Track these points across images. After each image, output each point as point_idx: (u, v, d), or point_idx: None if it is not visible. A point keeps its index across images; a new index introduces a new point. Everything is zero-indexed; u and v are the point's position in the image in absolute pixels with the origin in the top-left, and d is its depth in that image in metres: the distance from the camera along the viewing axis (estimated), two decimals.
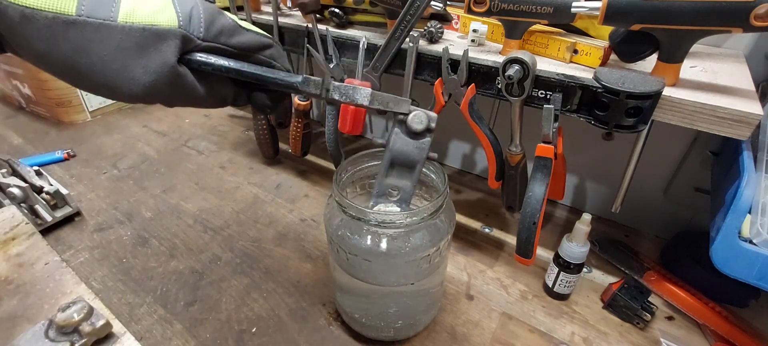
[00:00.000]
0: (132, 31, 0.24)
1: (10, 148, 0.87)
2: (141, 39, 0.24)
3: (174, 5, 0.26)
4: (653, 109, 0.39)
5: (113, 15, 0.23)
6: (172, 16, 0.25)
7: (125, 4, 0.24)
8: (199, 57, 0.28)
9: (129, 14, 0.24)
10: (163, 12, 0.25)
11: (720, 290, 0.51)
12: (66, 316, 0.31)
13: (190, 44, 0.27)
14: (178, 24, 0.25)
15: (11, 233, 0.44)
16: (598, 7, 0.39)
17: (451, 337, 0.49)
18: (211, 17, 0.27)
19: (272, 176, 0.79)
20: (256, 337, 0.48)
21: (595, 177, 0.69)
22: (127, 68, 0.24)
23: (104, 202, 0.70)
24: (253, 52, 0.31)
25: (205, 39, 0.27)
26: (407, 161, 0.37)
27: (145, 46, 0.24)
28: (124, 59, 0.24)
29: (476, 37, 0.52)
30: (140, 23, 0.24)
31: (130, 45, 0.24)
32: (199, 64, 0.28)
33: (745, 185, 0.38)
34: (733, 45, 0.55)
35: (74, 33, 0.23)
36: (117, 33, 0.23)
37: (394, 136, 0.37)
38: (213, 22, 0.27)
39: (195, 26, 0.26)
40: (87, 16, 0.23)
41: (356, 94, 0.33)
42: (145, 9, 0.24)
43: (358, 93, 0.32)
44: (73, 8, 0.22)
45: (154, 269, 0.57)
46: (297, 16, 0.66)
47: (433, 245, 0.39)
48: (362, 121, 0.58)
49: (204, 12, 0.27)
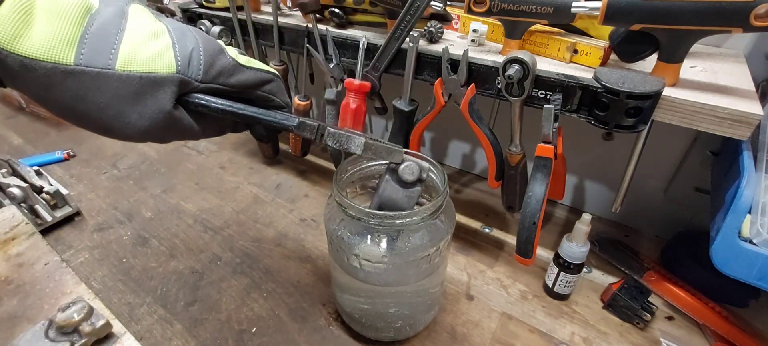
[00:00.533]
0: (129, 79, 0.24)
1: (10, 148, 0.86)
2: (138, 87, 0.24)
3: (174, 48, 0.26)
4: (653, 109, 0.39)
5: (111, 63, 0.23)
6: (170, 62, 0.25)
7: (124, 51, 0.24)
8: (196, 99, 0.28)
9: (127, 62, 0.24)
10: (161, 57, 0.25)
11: (720, 290, 0.51)
12: (66, 316, 0.31)
13: (187, 87, 0.27)
14: (176, 69, 0.25)
15: (11, 233, 0.44)
16: (598, 7, 0.39)
17: (451, 337, 0.49)
18: (211, 59, 0.27)
19: (272, 176, 0.79)
20: (256, 337, 0.48)
21: (595, 177, 0.69)
22: (123, 114, 0.24)
23: (104, 202, 0.70)
24: (252, 89, 0.31)
25: (203, 81, 0.27)
26: (395, 209, 0.37)
27: (141, 93, 0.24)
28: (120, 106, 0.24)
29: (476, 37, 0.52)
30: (138, 71, 0.24)
31: (126, 93, 0.24)
32: (196, 105, 0.28)
33: (745, 185, 0.38)
34: (733, 45, 0.55)
35: (72, 82, 0.23)
36: (114, 81, 0.23)
37: (384, 182, 0.38)
38: (213, 64, 0.27)
39: (194, 69, 0.26)
40: (85, 65, 0.23)
41: (350, 143, 0.33)
42: (144, 55, 0.24)
43: (351, 142, 0.33)
44: (71, 58, 0.22)
45: (154, 269, 0.57)
46: (297, 16, 0.66)
47: (433, 245, 0.39)
48: (362, 121, 0.58)
49: (204, 53, 0.27)
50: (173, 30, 0.27)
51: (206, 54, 0.27)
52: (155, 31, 0.26)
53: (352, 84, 0.55)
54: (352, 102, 0.56)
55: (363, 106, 0.57)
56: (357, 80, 0.55)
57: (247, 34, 0.66)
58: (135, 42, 0.24)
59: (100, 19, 0.24)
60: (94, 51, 0.23)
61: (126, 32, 0.24)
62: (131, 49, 0.24)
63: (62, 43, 0.22)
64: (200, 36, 0.28)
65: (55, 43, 0.22)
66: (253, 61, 0.31)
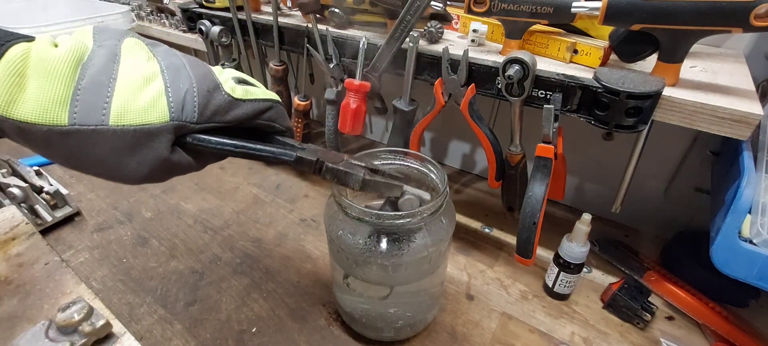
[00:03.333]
0: (124, 133, 0.24)
1: (10, 148, 0.86)
2: (133, 140, 0.24)
3: (167, 94, 0.25)
4: (653, 109, 0.39)
5: (104, 119, 0.23)
6: (163, 111, 0.25)
7: (116, 105, 0.24)
8: (193, 139, 0.28)
9: (119, 116, 0.24)
10: (154, 107, 0.25)
11: (720, 290, 0.51)
12: (66, 316, 0.31)
13: (183, 130, 0.26)
14: (170, 117, 0.25)
15: (11, 233, 0.44)
16: (598, 7, 0.39)
17: (451, 337, 0.49)
18: (205, 100, 0.27)
19: (272, 176, 0.79)
20: (256, 337, 0.48)
21: (595, 177, 0.69)
22: (122, 164, 0.25)
23: (104, 202, 0.70)
24: (250, 120, 0.30)
25: (198, 122, 0.27)
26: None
27: (137, 144, 0.25)
28: (118, 157, 0.25)
29: (476, 37, 0.52)
30: (131, 125, 0.24)
31: (122, 145, 0.24)
32: (193, 146, 0.28)
33: (745, 185, 0.38)
34: (733, 45, 0.55)
35: (69, 140, 0.23)
36: (109, 136, 0.24)
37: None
38: (207, 104, 0.27)
39: (188, 113, 0.26)
40: (80, 124, 0.23)
41: (348, 179, 0.33)
42: (136, 106, 0.24)
43: (349, 178, 0.33)
44: (65, 119, 0.23)
45: (154, 269, 0.57)
46: (297, 16, 0.66)
47: (433, 245, 0.39)
48: (362, 121, 0.58)
49: (198, 95, 0.26)
50: (167, 69, 0.26)
51: (200, 95, 0.26)
52: (148, 76, 0.25)
53: (352, 84, 0.55)
54: (352, 102, 0.56)
55: (363, 106, 0.57)
56: (357, 80, 0.55)
57: (247, 34, 0.66)
58: (126, 93, 0.24)
59: (91, 69, 0.24)
60: (86, 108, 0.23)
61: (117, 81, 0.24)
62: (123, 101, 0.24)
63: (54, 104, 0.22)
64: (195, 71, 0.27)
65: (47, 106, 0.22)
66: (250, 91, 0.30)
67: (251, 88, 0.30)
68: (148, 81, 0.25)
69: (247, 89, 0.30)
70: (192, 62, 0.28)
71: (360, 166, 0.35)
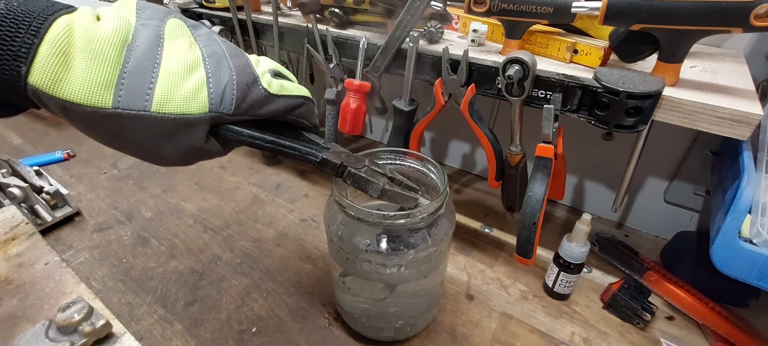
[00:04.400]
0: (164, 120, 0.24)
1: (10, 148, 0.86)
2: (172, 127, 0.25)
3: (208, 85, 0.26)
4: (653, 109, 0.39)
5: (147, 105, 0.24)
6: (203, 103, 0.26)
7: (159, 92, 0.24)
8: (225, 129, 0.28)
9: (161, 104, 0.24)
10: (195, 98, 0.25)
11: (720, 290, 0.51)
12: (66, 316, 0.31)
13: (218, 121, 0.27)
14: (209, 109, 0.26)
15: (11, 233, 0.44)
16: (598, 7, 0.39)
17: (451, 337, 0.49)
18: (243, 93, 0.27)
19: (272, 176, 0.79)
20: (256, 337, 0.48)
21: (595, 177, 0.69)
22: (157, 148, 0.26)
23: (104, 202, 0.70)
24: (282, 114, 0.31)
25: (233, 114, 0.27)
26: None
27: (175, 132, 0.25)
28: (155, 142, 0.25)
29: (476, 37, 0.52)
30: (172, 113, 0.24)
31: (161, 132, 0.25)
32: (225, 135, 0.29)
33: (745, 185, 0.38)
34: (733, 45, 0.55)
35: (110, 122, 0.23)
36: (150, 122, 0.24)
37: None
38: (244, 98, 0.27)
39: (226, 105, 0.27)
40: (123, 108, 0.23)
41: (368, 187, 0.35)
42: (179, 96, 0.25)
43: (369, 186, 0.35)
44: (109, 102, 0.23)
45: (154, 269, 0.57)
46: (297, 16, 0.66)
47: (433, 245, 0.39)
48: (362, 121, 0.58)
49: (238, 89, 0.27)
50: (208, 58, 0.26)
51: (239, 88, 0.27)
52: (190, 64, 0.26)
53: (352, 84, 0.55)
54: (352, 102, 0.56)
55: (363, 106, 0.57)
56: (357, 80, 0.55)
57: (247, 34, 0.66)
58: (169, 81, 0.24)
59: (136, 52, 0.24)
60: (130, 93, 0.23)
61: (161, 67, 0.24)
62: (166, 89, 0.24)
63: (100, 87, 0.22)
64: (235, 62, 0.27)
65: (93, 88, 0.22)
66: (285, 86, 0.30)
67: (286, 83, 0.31)
68: (190, 70, 0.26)
69: (283, 84, 0.30)
70: (231, 51, 0.28)
71: (380, 175, 0.36)
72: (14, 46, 0.21)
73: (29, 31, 0.21)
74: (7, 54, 0.21)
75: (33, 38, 0.21)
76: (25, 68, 0.21)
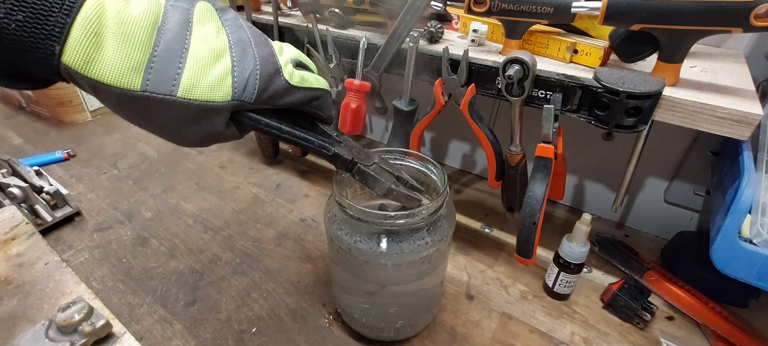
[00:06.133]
0: (189, 106, 0.25)
1: (10, 148, 0.86)
2: (195, 113, 0.26)
3: (232, 74, 0.26)
4: (653, 109, 0.39)
5: (174, 90, 0.24)
6: (227, 91, 0.26)
7: (186, 78, 0.25)
8: (245, 116, 0.29)
9: (188, 90, 0.25)
10: (220, 86, 0.26)
11: (720, 290, 0.51)
12: (66, 316, 0.31)
13: (239, 108, 0.28)
14: (232, 97, 0.26)
15: (11, 233, 0.44)
16: (598, 7, 0.39)
17: (451, 337, 0.49)
18: (265, 84, 0.28)
19: (272, 176, 0.79)
20: (256, 337, 0.48)
21: (595, 177, 0.69)
22: (180, 131, 0.27)
23: (104, 202, 0.70)
24: (300, 105, 0.31)
25: (254, 103, 0.28)
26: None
27: (198, 118, 0.26)
28: (179, 126, 0.26)
29: (476, 37, 0.52)
30: (196, 100, 0.25)
31: (185, 116, 0.26)
32: (243, 121, 0.29)
33: (745, 185, 0.38)
34: (733, 45, 0.55)
35: (138, 104, 0.24)
36: (176, 107, 0.25)
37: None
38: (266, 88, 0.28)
39: (248, 94, 0.27)
40: (150, 91, 0.24)
41: (374, 184, 0.36)
42: (204, 83, 0.25)
43: (376, 184, 0.36)
44: (138, 85, 0.23)
45: (154, 269, 0.57)
46: (297, 16, 0.66)
47: (433, 245, 0.39)
48: (362, 121, 0.58)
49: (260, 79, 0.27)
50: (234, 46, 0.27)
51: (262, 79, 0.28)
52: (217, 51, 0.26)
53: (352, 84, 0.55)
54: (352, 102, 0.56)
55: (363, 106, 0.57)
56: (357, 80, 0.55)
57: None
58: (196, 67, 0.25)
59: (166, 36, 0.24)
60: (158, 77, 0.24)
61: (189, 53, 0.25)
62: (192, 75, 0.25)
63: (130, 70, 0.23)
64: (260, 51, 0.28)
65: (123, 70, 0.23)
66: (306, 78, 0.31)
67: (307, 75, 0.31)
68: (217, 57, 0.26)
69: (304, 76, 0.31)
70: (257, 39, 0.29)
71: (388, 173, 0.37)
72: (48, 25, 0.21)
73: (62, 10, 0.21)
74: (41, 33, 0.21)
75: (66, 17, 0.21)
76: (59, 47, 0.21)
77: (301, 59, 0.32)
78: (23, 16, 0.21)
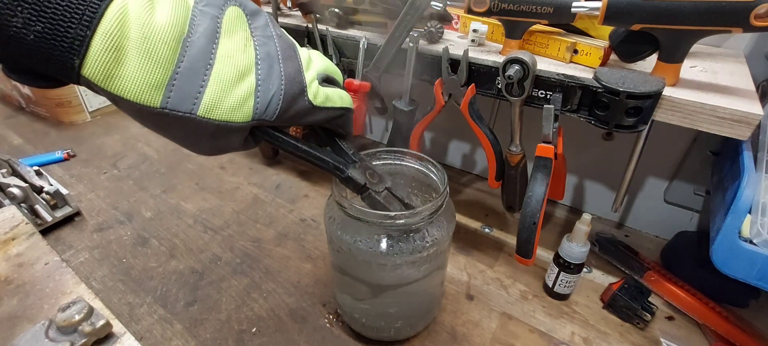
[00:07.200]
0: (208, 125, 0.25)
1: (10, 148, 0.86)
2: (214, 131, 0.25)
3: (255, 96, 0.26)
4: (653, 109, 0.39)
5: (194, 109, 0.24)
6: (248, 113, 0.26)
7: (207, 98, 0.24)
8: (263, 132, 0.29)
9: (208, 110, 0.24)
10: (241, 108, 0.25)
11: (720, 290, 0.51)
12: (66, 316, 0.31)
13: (258, 125, 0.27)
14: (252, 117, 0.26)
15: (11, 233, 0.44)
16: (598, 7, 0.39)
17: (451, 337, 0.49)
18: (288, 105, 0.27)
19: (272, 176, 0.79)
20: (256, 337, 0.48)
21: (595, 177, 0.69)
22: (198, 145, 0.27)
23: (104, 202, 0.70)
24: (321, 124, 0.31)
25: (274, 122, 0.27)
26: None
27: (216, 135, 0.26)
28: (196, 139, 0.26)
29: (476, 37, 0.52)
30: (216, 119, 0.25)
31: (203, 133, 0.25)
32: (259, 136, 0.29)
33: (745, 185, 0.38)
34: (733, 45, 0.55)
35: (158, 119, 0.24)
36: (195, 124, 0.24)
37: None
38: (288, 109, 0.27)
39: (269, 114, 0.27)
40: (170, 109, 0.23)
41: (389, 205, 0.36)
42: (226, 104, 0.25)
43: (391, 204, 0.36)
44: (158, 102, 0.23)
45: (154, 269, 0.57)
46: (297, 16, 0.66)
47: (433, 246, 0.39)
48: (362, 121, 0.58)
49: (284, 100, 0.27)
50: (260, 62, 0.26)
51: (285, 99, 0.27)
52: (242, 70, 0.25)
53: (352, 84, 0.55)
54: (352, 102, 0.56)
55: (363, 106, 0.57)
56: (357, 80, 0.55)
57: None
58: (218, 88, 0.24)
59: (190, 50, 0.23)
60: (179, 96, 0.23)
61: (213, 70, 0.24)
62: (214, 96, 0.24)
63: (151, 88, 0.22)
64: (286, 68, 0.27)
65: (143, 87, 0.22)
66: (330, 98, 0.30)
67: (331, 94, 0.31)
68: (241, 76, 0.25)
69: (328, 95, 0.30)
70: (285, 52, 0.28)
71: (397, 200, 0.37)
72: (68, 38, 0.20)
73: (82, 21, 0.20)
74: (61, 46, 0.20)
75: (86, 30, 0.20)
76: (78, 61, 0.21)
77: (328, 72, 0.31)
78: (42, 27, 0.20)
